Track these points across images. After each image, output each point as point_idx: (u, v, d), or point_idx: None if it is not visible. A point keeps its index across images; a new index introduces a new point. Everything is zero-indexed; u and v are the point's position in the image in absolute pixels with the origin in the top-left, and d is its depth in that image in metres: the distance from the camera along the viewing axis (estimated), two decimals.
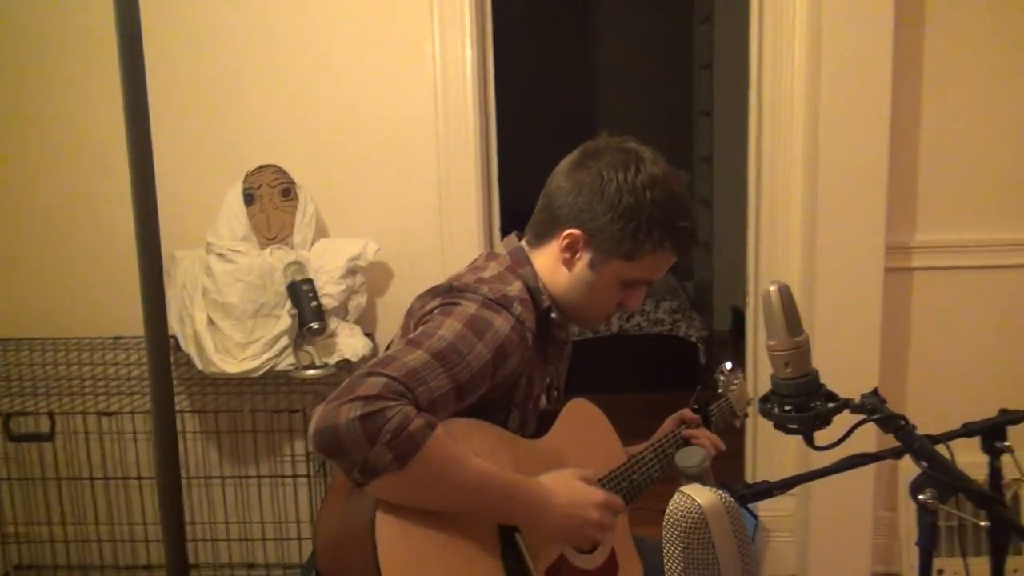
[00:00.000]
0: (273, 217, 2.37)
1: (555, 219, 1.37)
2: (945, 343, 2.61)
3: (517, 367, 1.27)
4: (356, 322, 2.46)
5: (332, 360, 2.29)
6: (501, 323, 1.22)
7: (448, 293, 1.27)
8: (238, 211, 2.32)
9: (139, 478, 2.49)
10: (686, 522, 0.66)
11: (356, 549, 1.12)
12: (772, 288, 1.10)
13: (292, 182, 2.39)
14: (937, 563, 2.66)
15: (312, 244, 2.42)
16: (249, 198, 2.34)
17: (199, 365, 2.27)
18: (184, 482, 2.45)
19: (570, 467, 1.33)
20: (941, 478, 1.07)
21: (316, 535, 1.22)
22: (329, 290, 2.31)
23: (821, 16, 2.36)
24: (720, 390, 1.70)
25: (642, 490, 1.48)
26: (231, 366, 2.22)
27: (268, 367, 2.25)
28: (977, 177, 2.54)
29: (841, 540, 2.57)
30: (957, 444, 1.27)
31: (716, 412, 1.65)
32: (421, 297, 1.32)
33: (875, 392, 1.13)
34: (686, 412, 1.62)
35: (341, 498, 1.19)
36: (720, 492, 0.71)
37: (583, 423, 1.45)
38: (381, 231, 2.53)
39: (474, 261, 1.42)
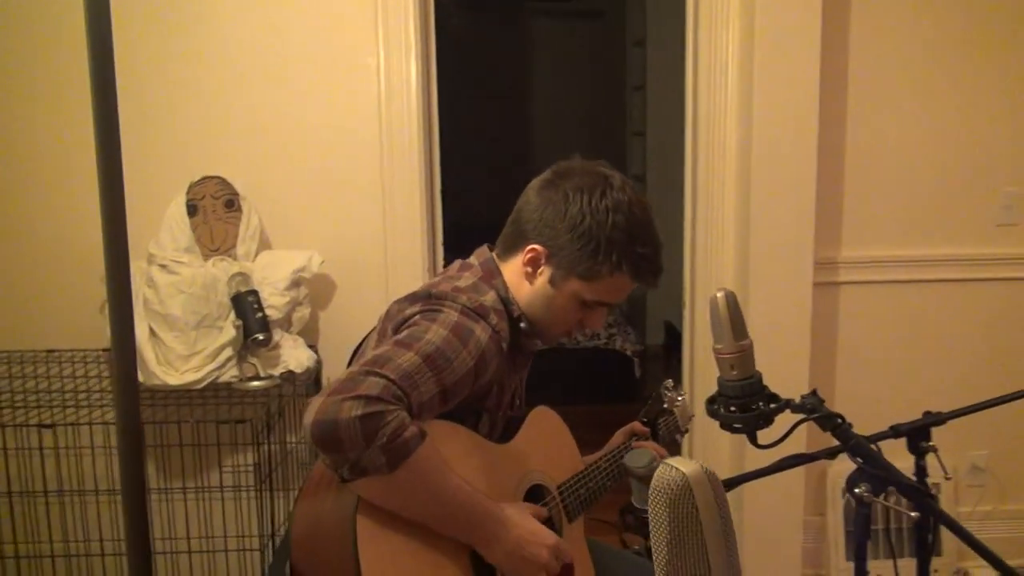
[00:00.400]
0: (216, 228, 2.36)
1: (521, 233, 1.41)
2: (870, 352, 2.75)
3: (493, 375, 1.30)
4: (299, 334, 2.46)
5: (277, 372, 2.29)
6: (480, 332, 1.26)
7: (428, 300, 1.30)
8: (181, 222, 2.30)
9: (81, 491, 2.43)
10: (671, 491, 0.70)
11: (335, 542, 1.14)
12: (719, 294, 1.16)
13: (236, 193, 2.39)
14: (852, 566, 2.77)
15: (256, 256, 2.42)
16: (192, 209, 2.33)
17: (141, 378, 2.24)
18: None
19: (535, 471, 1.36)
20: (876, 473, 1.14)
21: (291, 527, 1.23)
22: (273, 302, 2.31)
23: (753, 39, 2.47)
24: (666, 406, 1.76)
25: (597, 497, 1.53)
26: (173, 378, 2.20)
27: (211, 379, 2.23)
28: (897, 197, 2.69)
29: (773, 544, 2.67)
30: (884, 445, 1.37)
31: (663, 426, 1.71)
32: (399, 302, 1.35)
33: (814, 393, 1.20)
34: (636, 425, 1.68)
35: (320, 493, 1.21)
36: (703, 464, 0.76)
37: (546, 430, 1.49)
38: (324, 244, 2.54)
39: (446, 270, 1.45)
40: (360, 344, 1.49)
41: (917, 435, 1.43)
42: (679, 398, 1.78)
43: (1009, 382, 1.77)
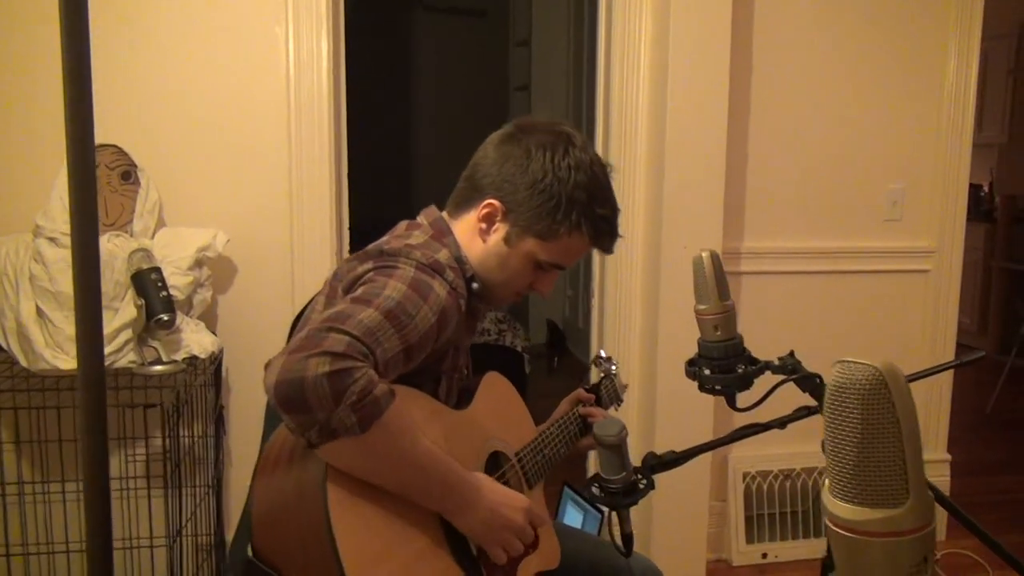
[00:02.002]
0: (111, 201, 2.17)
1: (477, 188, 1.35)
2: (767, 340, 2.83)
3: (452, 334, 1.24)
4: (200, 318, 2.31)
5: (179, 356, 2.13)
6: (439, 287, 1.19)
7: (380, 256, 1.22)
8: None
9: None
10: (863, 386, 0.66)
11: (304, 514, 1.05)
12: (704, 254, 1.16)
13: (133, 164, 2.21)
14: (761, 547, 2.87)
15: (154, 233, 2.25)
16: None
17: (24, 362, 2.03)
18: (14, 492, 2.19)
19: (494, 438, 1.31)
20: None
21: (250, 507, 1.12)
22: (175, 282, 2.15)
23: (668, 41, 2.52)
24: (603, 374, 1.75)
25: (552, 464, 1.50)
26: (64, 362, 2.00)
27: (107, 363, 2.05)
28: (794, 192, 2.81)
29: (680, 529, 2.71)
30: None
31: (604, 393, 1.70)
32: (348, 261, 1.27)
33: (791, 354, 1.21)
34: (581, 392, 1.66)
35: (279, 467, 1.11)
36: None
37: (500, 396, 1.45)
38: (225, 224, 2.38)
39: (393, 230, 1.37)
40: (302, 311, 1.39)
41: None
42: (613, 365, 1.78)
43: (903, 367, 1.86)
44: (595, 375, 1.85)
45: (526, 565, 1.34)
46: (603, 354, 1.83)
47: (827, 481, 0.71)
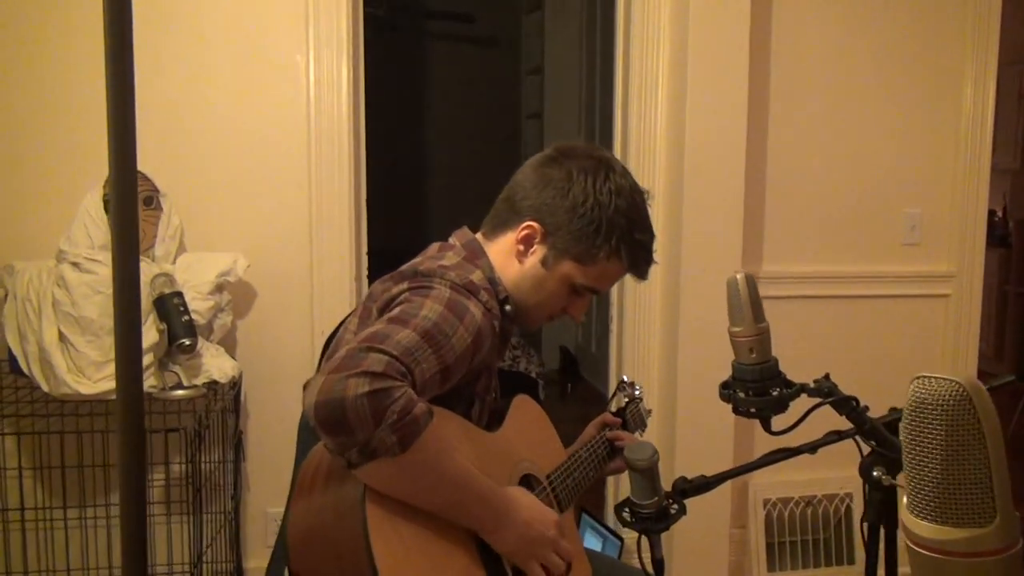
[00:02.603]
0: None
1: (515, 210, 1.35)
2: (789, 365, 2.81)
3: (486, 355, 1.23)
4: (219, 343, 2.31)
5: (200, 381, 2.13)
6: (474, 308, 1.19)
7: (415, 277, 1.22)
8: (97, 218, 2.11)
9: None
10: (947, 403, 0.65)
11: (343, 536, 1.04)
12: (739, 276, 1.15)
13: (156, 190, 2.22)
14: (783, 575, 2.83)
15: (175, 258, 2.25)
16: (108, 205, 2.15)
17: (46, 387, 2.02)
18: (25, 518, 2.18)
19: (525, 460, 1.30)
20: (890, 455, 1.14)
21: (286, 530, 1.11)
22: (196, 306, 2.15)
23: (687, 63, 2.54)
24: (628, 399, 1.74)
25: (582, 488, 1.49)
26: (86, 387, 2.00)
27: None
28: (813, 216, 2.81)
29: (701, 557, 2.68)
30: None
31: (629, 417, 1.69)
32: (382, 282, 1.26)
33: (827, 377, 1.20)
34: (608, 416, 1.65)
35: (316, 490, 1.10)
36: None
37: (530, 419, 1.44)
38: (245, 250, 2.39)
39: (425, 251, 1.37)
40: (334, 333, 1.39)
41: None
42: (637, 390, 1.77)
43: None
44: (616, 402, 1.84)
45: None
46: (626, 379, 1.82)
47: (905, 499, 0.69)
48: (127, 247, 0.92)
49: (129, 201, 0.92)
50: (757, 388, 1.15)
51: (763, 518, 2.82)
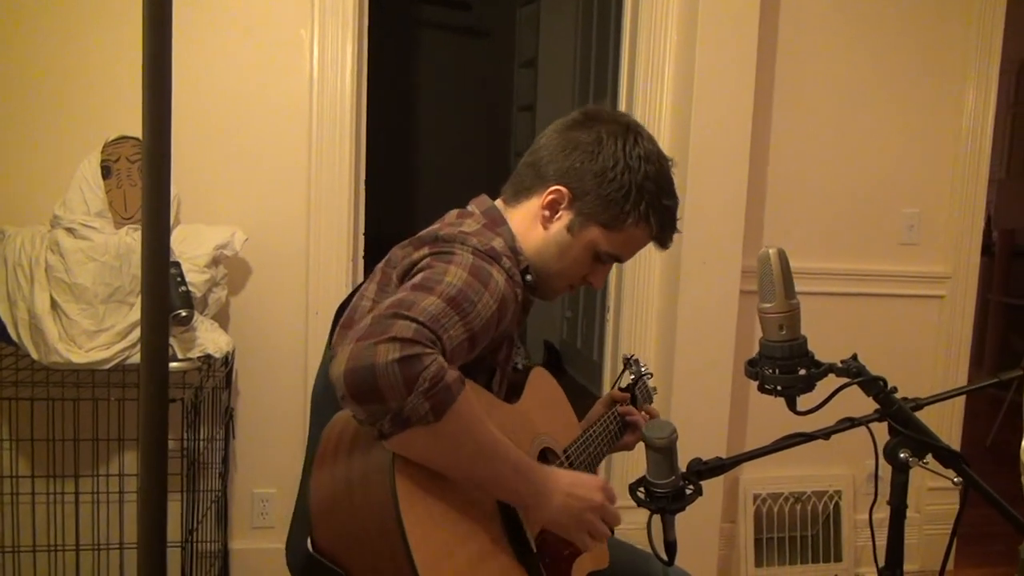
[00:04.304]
0: (131, 195, 2.13)
1: (540, 175, 1.32)
2: None
3: (508, 324, 1.20)
4: (213, 319, 2.26)
5: (194, 355, 2.08)
6: (497, 274, 1.15)
7: (436, 243, 1.19)
8: (94, 183, 2.06)
9: None
10: None
11: (371, 506, 1.01)
12: (771, 251, 1.13)
13: None
14: (770, 571, 2.83)
15: (172, 229, 2.20)
16: (107, 171, 2.10)
17: (35, 355, 1.97)
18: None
19: (543, 434, 1.27)
20: (917, 438, 1.12)
21: (309, 500, 1.07)
22: (192, 279, 2.10)
23: (695, 61, 2.53)
24: (634, 376, 1.72)
25: (596, 463, 1.47)
26: (77, 356, 1.95)
27: (120, 359, 1.99)
28: (813, 213, 2.80)
29: (690, 552, 2.65)
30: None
31: (638, 393, 1.67)
32: (402, 247, 1.23)
33: (855, 357, 1.18)
34: (616, 392, 1.63)
35: (339, 459, 1.06)
36: None
37: (548, 392, 1.41)
38: (242, 225, 2.34)
39: (443, 218, 1.34)
40: (346, 301, 1.34)
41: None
42: (642, 366, 1.75)
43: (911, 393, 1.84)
44: (623, 379, 1.81)
45: (579, 565, 1.29)
46: (631, 356, 1.79)
47: None
48: (158, 215, 0.90)
49: (161, 168, 0.89)
50: (785, 366, 1.13)
51: (752, 513, 2.82)
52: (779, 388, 1.14)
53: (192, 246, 2.16)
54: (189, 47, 2.29)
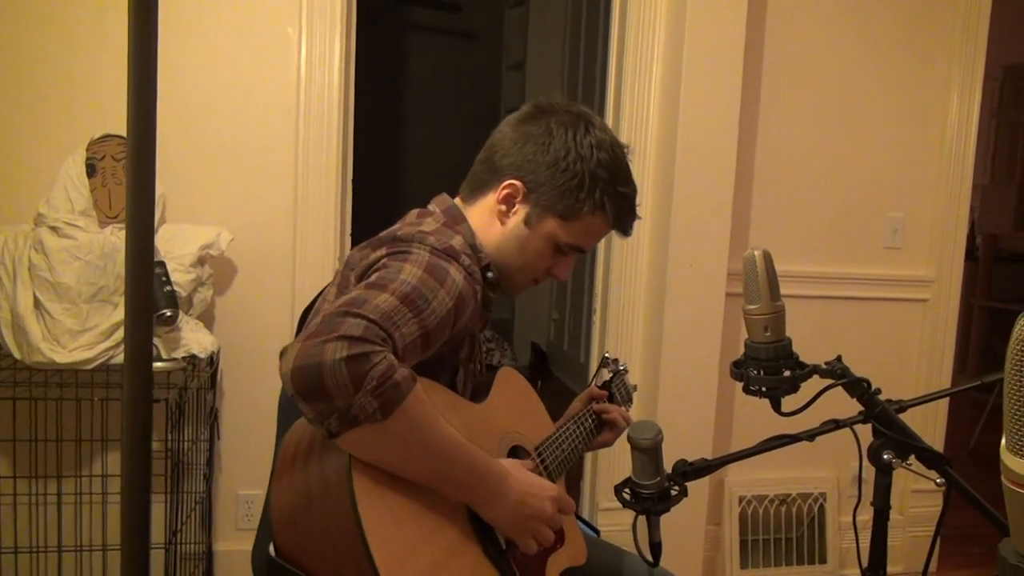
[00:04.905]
0: (115, 193, 2.12)
1: (495, 169, 1.32)
2: None
3: (467, 321, 1.21)
4: (199, 318, 2.25)
5: (179, 355, 2.07)
6: (455, 272, 1.16)
7: (393, 243, 1.18)
8: (79, 182, 2.05)
9: None
10: None
11: (330, 507, 1.01)
12: (757, 253, 1.14)
13: None
14: (755, 573, 2.84)
15: (156, 228, 2.19)
16: (91, 169, 2.08)
17: (17, 354, 1.95)
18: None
19: (512, 432, 1.27)
20: (901, 439, 1.13)
21: (271, 506, 1.06)
22: (177, 278, 2.09)
23: (682, 64, 2.54)
24: (612, 373, 1.72)
25: (571, 460, 1.46)
26: (61, 355, 1.93)
27: (104, 359, 1.98)
28: (798, 216, 2.82)
29: (676, 554, 2.66)
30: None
31: (615, 391, 1.67)
32: (360, 249, 1.22)
33: (839, 359, 1.18)
34: (593, 390, 1.62)
35: (297, 464, 1.06)
36: None
37: (516, 391, 1.41)
38: (228, 225, 2.33)
39: (404, 218, 1.33)
40: (311, 304, 1.34)
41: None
42: (621, 366, 1.75)
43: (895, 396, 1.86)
44: (599, 377, 1.81)
45: (554, 561, 1.29)
46: (609, 355, 1.80)
47: (1004, 440, 0.68)
48: (142, 213, 0.89)
49: (146, 166, 0.89)
50: (770, 367, 1.14)
51: (738, 515, 2.83)
52: (764, 389, 1.15)
53: (177, 245, 2.15)
54: (176, 45, 2.28)
